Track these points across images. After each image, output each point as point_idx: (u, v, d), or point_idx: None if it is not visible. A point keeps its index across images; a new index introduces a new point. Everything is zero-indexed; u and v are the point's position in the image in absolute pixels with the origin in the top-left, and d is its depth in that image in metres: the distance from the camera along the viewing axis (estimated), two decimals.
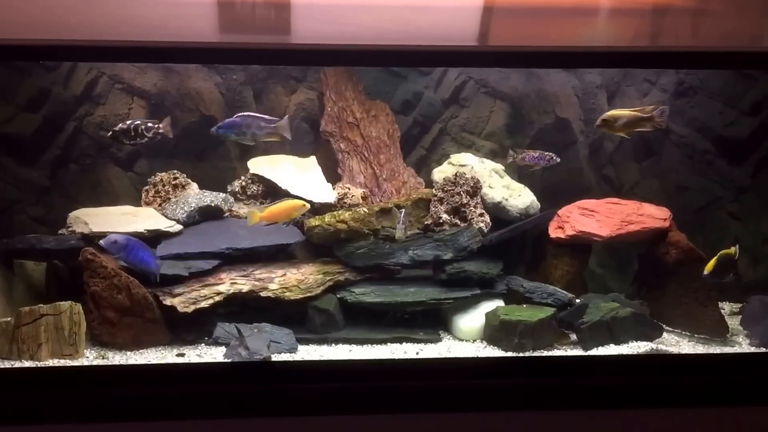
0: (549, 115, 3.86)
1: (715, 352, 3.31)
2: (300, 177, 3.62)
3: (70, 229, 3.33)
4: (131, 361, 3.04)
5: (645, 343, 3.30)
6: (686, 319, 3.44)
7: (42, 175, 3.61)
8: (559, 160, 3.65)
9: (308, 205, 3.35)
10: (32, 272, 3.39)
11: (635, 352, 3.25)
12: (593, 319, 3.27)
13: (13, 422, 2.77)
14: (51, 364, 2.96)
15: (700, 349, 3.33)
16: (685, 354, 3.28)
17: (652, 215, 3.53)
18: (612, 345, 3.27)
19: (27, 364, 2.95)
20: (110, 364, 3.02)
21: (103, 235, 3.23)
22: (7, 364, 2.94)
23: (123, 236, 3.13)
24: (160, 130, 3.32)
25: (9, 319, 2.99)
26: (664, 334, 3.35)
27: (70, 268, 3.36)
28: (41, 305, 3.01)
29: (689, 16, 3.96)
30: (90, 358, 3.05)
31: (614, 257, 3.83)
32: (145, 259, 3.12)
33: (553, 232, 3.54)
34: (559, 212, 3.61)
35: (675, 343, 3.36)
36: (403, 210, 3.38)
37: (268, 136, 3.35)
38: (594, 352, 3.24)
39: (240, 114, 3.36)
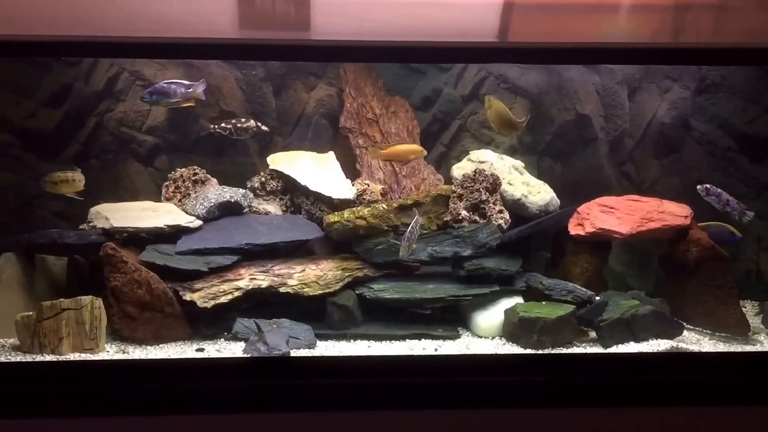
0: (569, 112, 3.84)
1: (736, 350, 3.29)
2: (319, 173, 3.63)
3: (91, 224, 3.35)
4: (151, 356, 3.06)
5: (665, 341, 3.28)
6: (707, 317, 3.41)
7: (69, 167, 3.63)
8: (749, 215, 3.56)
9: (425, 152, 3.54)
10: (53, 267, 3.41)
11: (655, 350, 3.23)
12: (613, 316, 3.25)
13: (34, 415, 2.80)
14: (72, 358, 2.98)
15: (721, 347, 3.30)
16: (706, 352, 3.26)
17: (673, 213, 3.51)
18: (632, 343, 3.25)
19: (48, 358, 2.97)
20: (130, 358, 3.04)
21: (123, 230, 3.27)
22: (28, 358, 2.97)
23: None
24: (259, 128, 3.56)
25: (30, 313, 3.01)
26: (685, 332, 3.33)
27: (90, 263, 3.38)
28: (62, 299, 3.03)
29: (711, 12, 3.92)
30: (110, 352, 3.07)
31: (634, 255, 3.81)
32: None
33: (573, 229, 3.52)
34: (579, 209, 3.58)
35: (696, 342, 3.33)
36: (413, 223, 3.26)
37: (186, 101, 3.39)
38: (614, 349, 3.22)
39: (163, 81, 3.41)
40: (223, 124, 3.58)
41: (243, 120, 3.60)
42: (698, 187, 3.55)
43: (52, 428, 2.82)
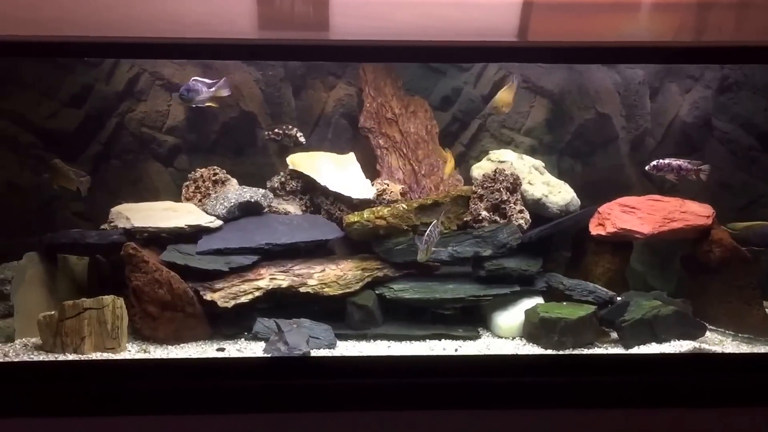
0: (589, 111, 3.82)
1: (760, 351, 3.25)
2: (339, 173, 3.63)
3: (112, 224, 3.36)
4: (172, 356, 3.07)
5: (688, 342, 3.25)
6: (730, 317, 3.39)
7: (84, 171, 3.65)
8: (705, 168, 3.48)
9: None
10: (75, 267, 3.43)
11: (677, 351, 3.20)
12: (635, 317, 3.23)
13: (58, 414, 2.81)
14: (94, 358, 3.00)
15: (744, 348, 3.27)
16: (729, 353, 3.22)
17: (695, 212, 3.48)
18: (654, 343, 3.23)
19: (70, 357, 2.99)
20: (152, 358, 3.05)
21: (144, 230, 3.28)
22: (51, 357, 2.98)
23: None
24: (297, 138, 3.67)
25: (53, 312, 3.03)
26: (708, 333, 3.30)
27: (111, 262, 3.40)
28: (84, 299, 3.05)
29: (733, 10, 3.88)
30: (132, 352, 3.08)
31: (656, 255, 3.78)
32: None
33: (594, 229, 3.50)
34: (600, 209, 3.56)
35: (718, 343, 3.30)
36: (431, 226, 3.22)
37: (211, 100, 3.44)
38: (635, 350, 3.19)
39: (193, 79, 3.44)
40: (276, 130, 3.67)
41: (290, 127, 3.67)
42: (647, 168, 3.51)
43: (75, 427, 2.83)
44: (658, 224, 3.43)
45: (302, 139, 3.68)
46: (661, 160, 3.46)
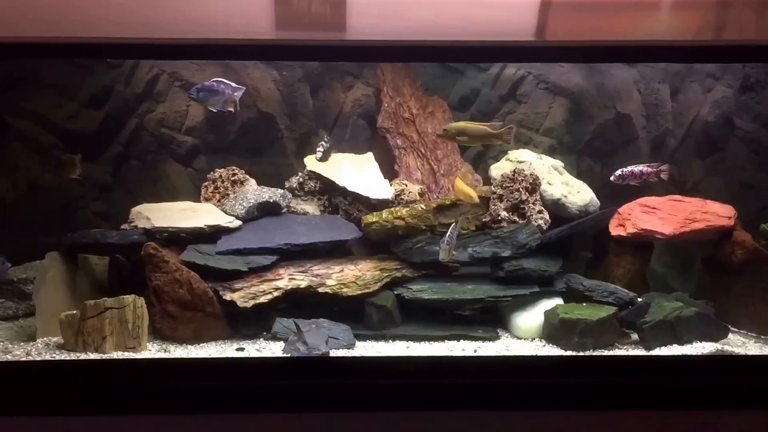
0: (609, 111, 3.80)
1: None
2: (357, 173, 3.63)
3: (132, 224, 3.38)
4: (192, 355, 3.08)
5: (710, 343, 3.22)
6: (753, 319, 3.36)
7: (104, 171, 3.68)
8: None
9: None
10: (95, 266, 3.45)
11: (699, 353, 3.17)
12: (656, 318, 3.20)
13: (80, 413, 2.83)
14: (115, 357, 3.02)
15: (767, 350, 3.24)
16: (752, 355, 3.19)
17: (717, 213, 3.45)
18: (675, 345, 3.20)
19: (92, 356, 3.01)
20: (172, 357, 3.06)
21: (164, 230, 3.30)
22: (72, 356, 3.00)
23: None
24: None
25: (75, 311, 3.05)
26: (730, 335, 3.28)
27: (132, 262, 3.42)
28: (106, 298, 3.06)
29: (754, 8, 3.84)
30: (152, 351, 3.09)
31: (677, 256, 3.75)
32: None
33: (614, 230, 3.48)
34: (620, 210, 3.54)
35: (741, 345, 3.27)
36: (451, 227, 3.23)
37: (226, 104, 3.26)
38: (656, 352, 3.17)
39: (215, 80, 3.26)
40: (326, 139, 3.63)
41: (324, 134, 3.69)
42: (612, 179, 3.51)
43: (96, 426, 2.84)
44: (679, 225, 3.40)
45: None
46: (624, 169, 3.49)
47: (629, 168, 3.48)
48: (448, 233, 3.18)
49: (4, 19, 3.00)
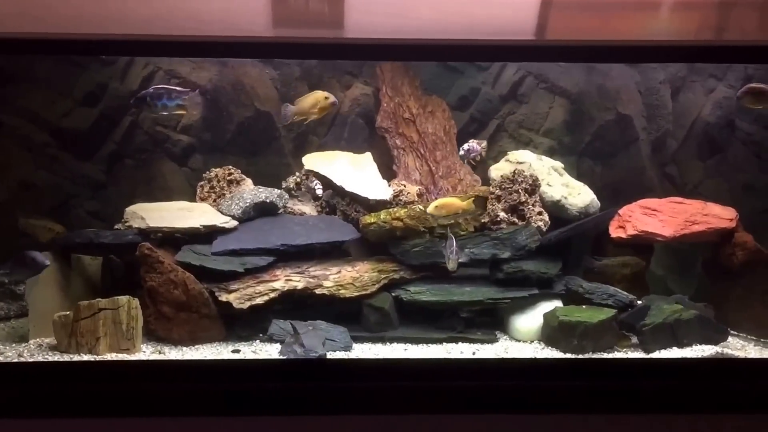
0: (610, 112, 3.78)
1: None
2: (355, 173, 3.60)
3: (126, 224, 3.34)
4: (187, 357, 3.05)
5: (709, 346, 3.21)
6: (753, 322, 3.34)
7: (98, 170, 3.64)
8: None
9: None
10: (88, 267, 3.41)
11: (699, 356, 3.15)
12: (655, 321, 3.19)
13: (73, 415, 2.79)
14: (109, 358, 2.98)
15: None
16: (752, 359, 3.17)
17: (718, 215, 3.43)
18: (675, 348, 3.19)
19: (85, 357, 2.97)
20: (167, 359, 3.03)
21: (159, 230, 3.25)
22: (65, 358, 2.96)
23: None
24: None
25: (68, 312, 3.01)
26: (730, 338, 3.26)
27: (126, 263, 3.38)
28: (100, 299, 3.03)
29: (756, 8, 3.83)
30: (147, 352, 3.06)
31: (676, 258, 3.73)
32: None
33: (614, 232, 3.46)
34: (620, 211, 3.52)
35: (741, 348, 3.25)
36: (449, 238, 3.22)
37: (178, 108, 3.20)
38: (656, 355, 3.15)
39: (154, 86, 3.22)
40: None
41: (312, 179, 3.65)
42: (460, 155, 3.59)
43: (89, 428, 2.81)
44: (679, 227, 3.38)
45: (319, 192, 3.60)
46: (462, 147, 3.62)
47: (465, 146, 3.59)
48: (448, 243, 3.17)
49: None
